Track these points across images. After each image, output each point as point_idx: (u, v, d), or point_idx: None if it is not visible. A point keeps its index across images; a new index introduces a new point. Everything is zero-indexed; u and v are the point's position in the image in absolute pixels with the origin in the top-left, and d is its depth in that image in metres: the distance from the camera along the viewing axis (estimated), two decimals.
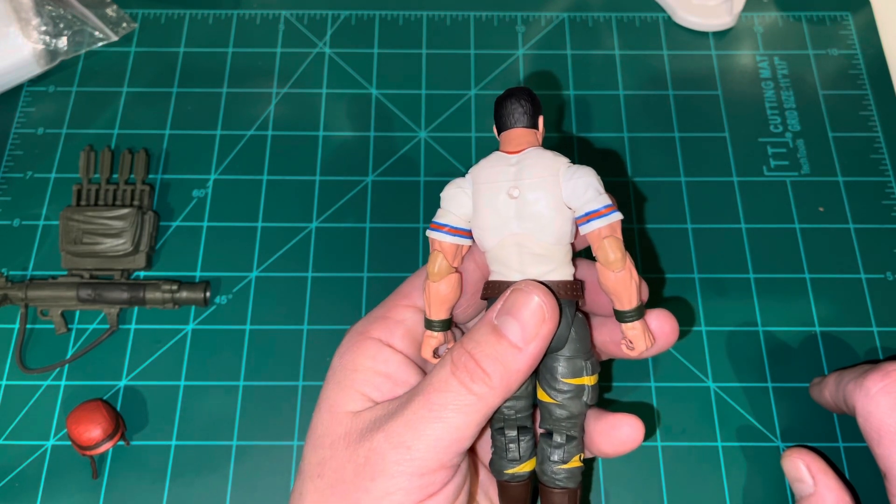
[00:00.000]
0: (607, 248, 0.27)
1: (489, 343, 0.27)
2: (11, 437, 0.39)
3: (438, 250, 0.30)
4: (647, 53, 0.51)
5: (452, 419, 0.27)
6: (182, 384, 0.41)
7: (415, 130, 0.48)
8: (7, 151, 0.47)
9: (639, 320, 0.29)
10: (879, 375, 0.33)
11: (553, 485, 0.30)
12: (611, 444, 0.30)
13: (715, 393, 0.41)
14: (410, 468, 0.27)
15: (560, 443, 0.29)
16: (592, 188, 0.28)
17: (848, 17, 0.52)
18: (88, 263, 0.42)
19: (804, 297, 0.43)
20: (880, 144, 0.47)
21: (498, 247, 0.29)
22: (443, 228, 0.30)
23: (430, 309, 0.30)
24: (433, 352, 0.31)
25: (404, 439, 0.27)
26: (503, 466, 0.30)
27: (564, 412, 0.29)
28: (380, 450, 0.27)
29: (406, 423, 0.27)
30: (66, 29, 0.49)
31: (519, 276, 0.28)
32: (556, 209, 0.28)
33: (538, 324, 0.27)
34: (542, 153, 0.29)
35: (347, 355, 0.31)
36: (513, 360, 0.27)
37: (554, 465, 0.29)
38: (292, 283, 0.43)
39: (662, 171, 0.46)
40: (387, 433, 0.27)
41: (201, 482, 0.38)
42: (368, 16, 0.52)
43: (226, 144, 0.47)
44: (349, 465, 0.28)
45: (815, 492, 0.33)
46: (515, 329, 0.27)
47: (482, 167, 0.29)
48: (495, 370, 0.27)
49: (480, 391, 0.27)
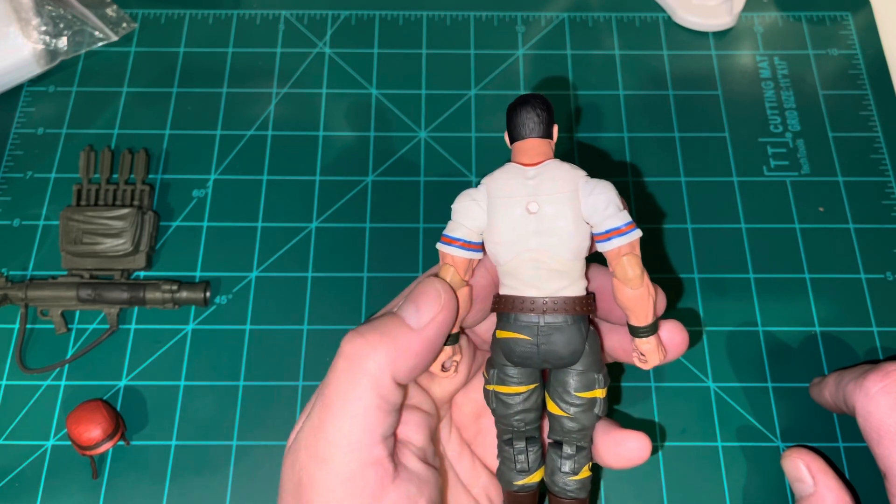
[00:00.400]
0: (626, 266, 0.27)
1: (384, 323, 0.28)
2: (11, 437, 0.39)
3: (450, 265, 0.29)
4: (647, 53, 0.51)
5: (351, 409, 0.26)
6: (182, 384, 0.41)
7: (415, 130, 0.48)
8: (7, 151, 0.47)
9: (653, 335, 0.28)
10: (879, 375, 0.33)
11: (565, 496, 0.30)
12: (617, 459, 0.30)
13: (715, 393, 0.41)
14: (337, 479, 0.26)
15: (571, 454, 0.29)
16: (613, 204, 0.27)
17: (848, 17, 0.52)
18: (88, 263, 0.42)
19: (804, 297, 0.43)
20: (880, 144, 0.47)
21: (513, 261, 0.28)
22: (455, 242, 0.29)
23: None
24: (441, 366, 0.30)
25: (318, 451, 0.26)
26: (512, 478, 0.30)
27: (576, 425, 0.29)
28: (307, 469, 0.27)
29: (314, 430, 0.27)
30: (66, 29, 0.49)
31: (534, 291, 0.28)
32: (575, 225, 0.27)
33: (428, 303, 0.28)
34: (561, 166, 0.28)
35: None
36: (406, 339, 0.27)
37: (565, 477, 0.29)
38: (292, 283, 0.43)
39: (662, 171, 0.46)
40: (307, 449, 0.27)
41: (201, 482, 0.38)
42: (368, 16, 0.52)
43: (226, 144, 0.47)
44: (289, 484, 0.27)
45: (815, 492, 0.33)
46: (412, 311, 0.28)
47: (497, 179, 0.28)
48: (383, 342, 0.27)
49: (367, 367, 0.27)
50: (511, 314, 0.28)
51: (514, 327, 0.28)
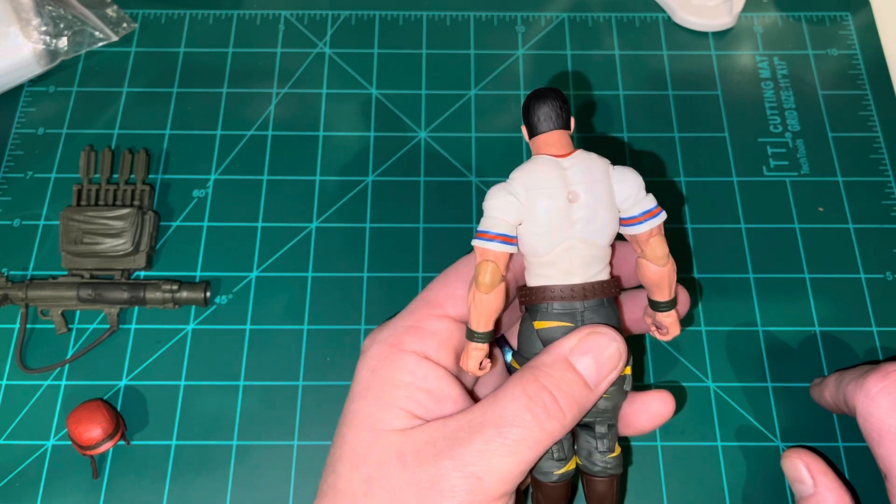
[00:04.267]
0: (656, 246, 0.29)
1: (567, 382, 0.28)
2: (11, 437, 0.39)
3: (492, 261, 0.28)
4: (647, 53, 0.51)
5: (525, 454, 0.27)
6: (182, 384, 0.41)
7: (415, 130, 0.48)
8: (7, 151, 0.47)
9: (673, 309, 0.31)
10: (880, 376, 0.33)
11: (606, 474, 0.30)
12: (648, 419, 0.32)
13: (715, 393, 0.41)
14: (479, 497, 0.27)
15: (604, 433, 0.30)
16: (643, 189, 0.29)
17: (848, 18, 0.52)
18: (89, 263, 0.42)
19: (804, 297, 0.43)
20: (880, 144, 0.47)
21: (554, 251, 0.28)
22: (497, 238, 0.28)
23: (479, 321, 0.29)
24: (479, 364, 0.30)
25: (475, 470, 0.27)
26: (552, 468, 0.30)
27: (609, 404, 0.30)
28: (448, 477, 0.27)
29: (479, 453, 0.27)
30: (67, 29, 0.49)
31: (575, 278, 0.29)
32: (611, 211, 0.29)
33: (612, 368, 0.29)
34: (590, 155, 0.29)
35: (383, 370, 0.30)
36: (586, 400, 0.28)
37: (604, 456, 0.30)
38: (292, 283, 0.43)
39: (662, 170, 0.46)
40: (455, 461, 0.27)
41: (201, 482, 0.38)
42: (368, 16, 0.52)
43: (226, 144, 0.47)
44: (409, 488, 0.27)
45: (815, 492, 0.33)
46: (592, 370, 0.28)
47: (531, 172, 0.28)
48: (571, 409, 0.28)
49: (552, 428, 0.27)
50: (546, 304, 0.29)
51: (553, 316, 0.29)
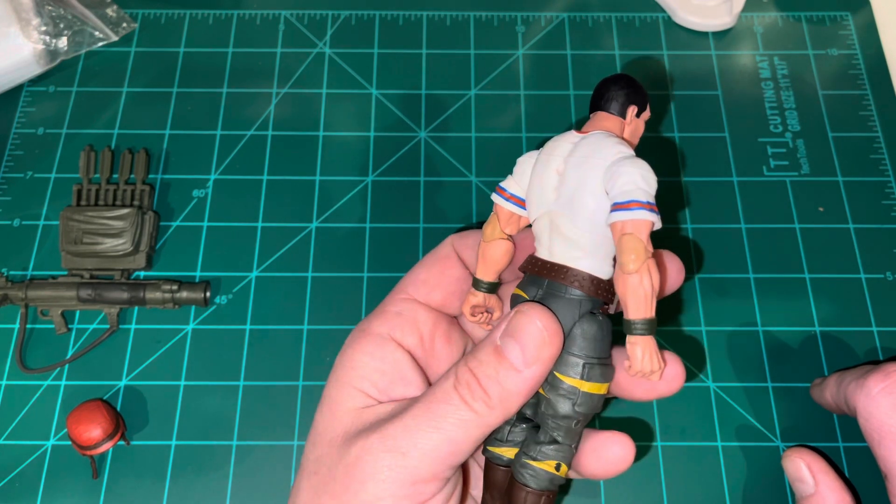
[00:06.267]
0: (623, 245, 0.25)
1: (490, 363, 0.27)
2: (11, 437, 0.39)
3: (496, 213, 0.30)
4: (647, 53, 0.51)
5: (450, 431, 0.27)
6: (182, 384, 0.41)
7: (415, 130, 0.48)
8: (7, 151, 0.47)
9: (642, 336, 0.26)
10: (880, 376, 0.33)
11: (518, 478, 0.29)
12: (599, 464, 0.29)
13: (715, 393, 0.41)
14: (402, 475, 0.27)
15: (541, 440, 0.28)
16: (632, 182, 0.26)
17: (848, 17, 0.52)
18: (88, 263, 0.42)
19: (804, 297, 0.43)
20: (880, 144, 0.47)
21: (538, 221, 0.29)
22: (503, 193, 0.30)
23: (479, 269, 0.31)
24: (471, 310, 0.31)
25: (399, 444, 0.27)
26: (488, 442, 0.30)
27: (550, 409, 0.28)
28: (373, 450, 0.27)
29: (404, 427, 0.27)
30: (66, 29, 0.49)
31: (547, 254, 0.28)
32: (592, 193, 0.27)
33: (539, 348, 0.27)
34: (607, 138, 0.28)
35: (348, 352, 0.31)
36: (512, 382, 0.27)
37: (524, 458, 0.29)
38: (292, 283, 0.43)
39: (662, 171, 0.46)
40: (382, 435, 0.27)
41: (201, 482, 0.38)
42: (368, 16, 0.52)
43: (226, 144, 0.47)
44: (340, 465, 0.28)
45: (815, 492, 0.33)
46: (516, 352, 0.27)
47: (552, 140, 0.29)
48: (494, 391, 0.27)
49: (480, 409, 0.27)
50: (526, 272, 0.29)
51: (521, 285, 0.29)
